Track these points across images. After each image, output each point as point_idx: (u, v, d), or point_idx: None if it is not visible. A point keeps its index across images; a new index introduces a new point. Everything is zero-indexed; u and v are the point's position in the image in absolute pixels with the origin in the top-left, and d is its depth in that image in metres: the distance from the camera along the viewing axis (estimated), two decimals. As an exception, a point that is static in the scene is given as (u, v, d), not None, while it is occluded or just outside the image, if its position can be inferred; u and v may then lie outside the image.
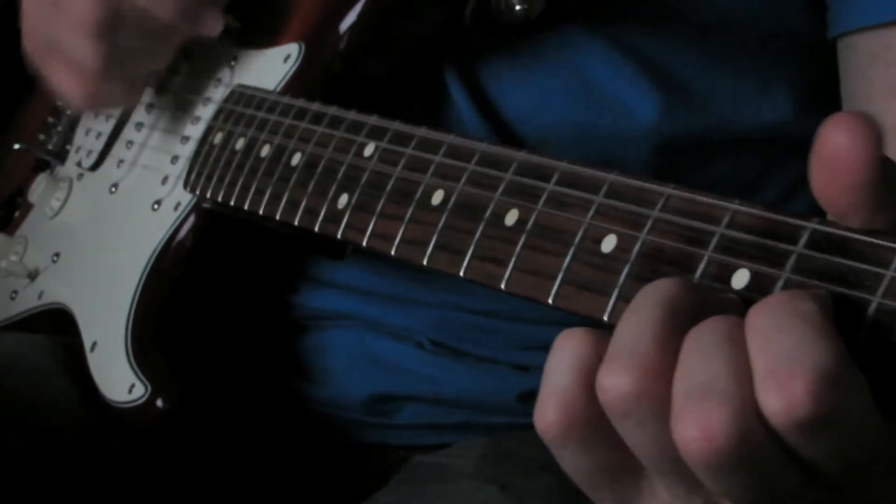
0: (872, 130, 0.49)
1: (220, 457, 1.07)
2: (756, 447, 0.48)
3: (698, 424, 0.48)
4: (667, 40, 0.93)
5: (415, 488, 0.95)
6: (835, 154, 0.49)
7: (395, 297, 1.01)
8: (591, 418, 0.53)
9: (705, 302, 0.52)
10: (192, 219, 0.97)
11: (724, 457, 0.48)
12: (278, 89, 0.94)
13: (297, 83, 0.94)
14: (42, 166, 1.19)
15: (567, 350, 0.54)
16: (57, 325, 1.06)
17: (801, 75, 0.96)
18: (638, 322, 0.52)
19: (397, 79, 0.95)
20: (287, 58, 0.95)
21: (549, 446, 0.55)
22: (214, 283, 1.01)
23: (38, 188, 1.15)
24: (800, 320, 0.47)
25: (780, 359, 0.47)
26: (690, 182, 0.94)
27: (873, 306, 0.49)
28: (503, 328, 0.99)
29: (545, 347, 0.98)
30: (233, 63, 1.01)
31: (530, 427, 0.98)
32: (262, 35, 1.00)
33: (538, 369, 0.97)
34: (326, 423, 1.06)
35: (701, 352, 0.50)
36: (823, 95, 0.94)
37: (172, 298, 0.97)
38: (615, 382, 0.51)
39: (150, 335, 0.96)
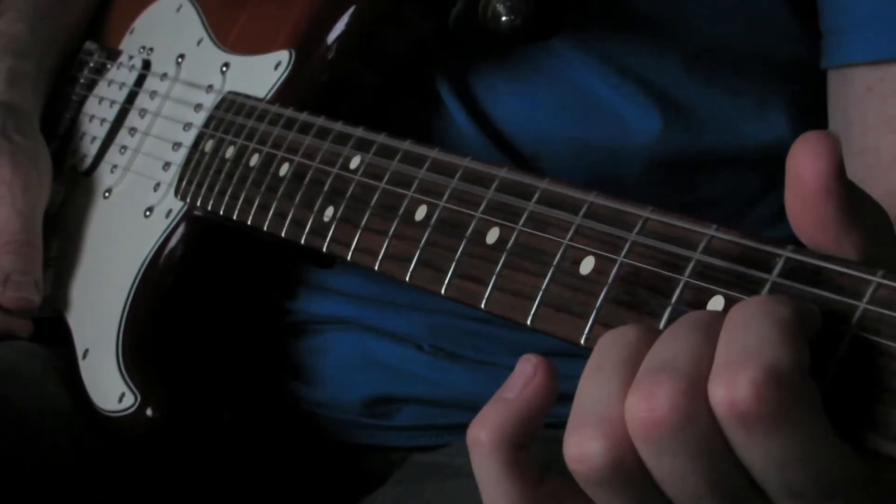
0: (829, 146, 0.49)
1: (219, 459, 1.07)
2: (699, 432, 0.48)
3: (645, 395, 0.48)
4: (662, 61, 0.93)
5: (413, 487, 0.95)
6: (798, 172, 0.50)
7: (392, 302, 1.00)
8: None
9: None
10: (182, 227, 0.96)
11: (666, 432, 0.48)
12: (269, 97, 0.94)
13: (288, 91, 0.93)
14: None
15: (487, 458, 0.55)
16: (51, 330, 1.07)
17: (798, 96, 0.95)
18: (603, 381, 0.51)
19: (389, 89, 0.94)
20: (278, 65, 0.95)
21: None
22: (209, 289, 1.01)
23: None
24: (769, 320, 0.47)
25: (736, 351, 0.47)
26: (686, 200, 0.96)
27: (847, 337, 0.48)
28: (501, 335, 0.99)
29: (544, 354, 0.98)
30: (224, 69, 1.00)
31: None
32: (254, 41, 0.99)
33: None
34: (325, 424, 1.06)
35: (673, 334, 0.50)
36: (820, 115, 0.94)
37: (163, 308, 0.97)
38: (585, 451, 0.50)
39: (140, 344, 0.96)
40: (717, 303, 0.54)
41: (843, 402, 0.48)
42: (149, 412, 0.92)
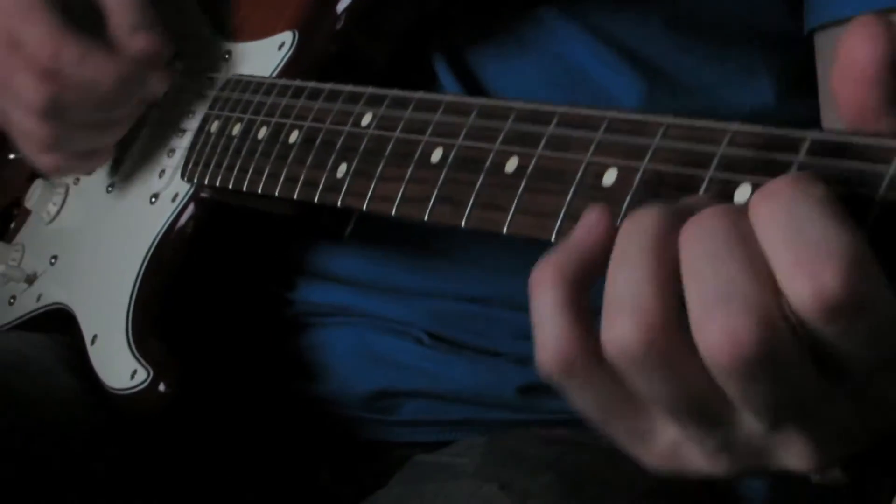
0: (886, 32, 0.50)
1: (222, 454, 1.07)
2: (784, 350, 0.48)
3: (725, 333, 0.48)
4: (647, 30, 0.95)
5: (415, 487, 0.94)
6: (852, 53, 0.50)
7: (392, 287, 1.01)
8: (594, 361, 0.53)
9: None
10: (190, 208, 0.97)
11: (753, 364, 0.48)
12: (273, 76, 0.95)
13: (293, 69, 0.95)
14: (39, 172, 1.19)
15: (551, 293, 0.54)
16: (56, 326, 1.07)
17: (783, 63, 0.97)
18: (630, 272, 0.52)
19: (390, 63, 0.96)
20: (281, 45, 0.96)
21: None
22: (213, 276, 1.01)
23: (35, 194, 1.15)
24: (815, 206, 0.47)
25: (805, 247, 0.47)
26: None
27: (877, 203, 0.49)
28: (501, 317, 0.99)
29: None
30: (227, 57, 1.01)
31: (531, 423, 0.99)
32: (255, 28, 1.01)
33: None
34: (327, 420, 1.05)
35: (710, 256, 0.49)
36: (806, 82, 0.95)
37: (173, 286, 0.97)
38: (619, 336, 0.51)
39: (150, 323, 0.96)
40: (744, 191, 0.54)
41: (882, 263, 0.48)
42: (161, 387, 0.92)
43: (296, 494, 1.07)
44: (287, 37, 0.96)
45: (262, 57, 0.97)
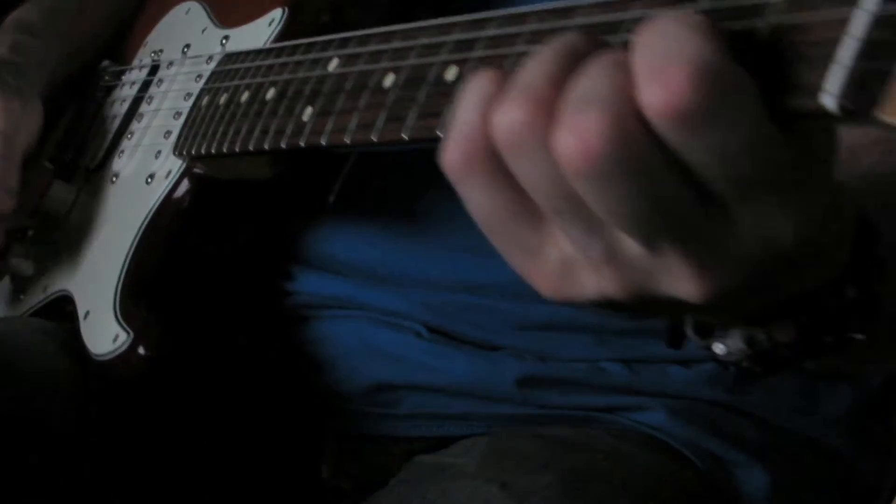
0: None
1: (223, 448, 1.07)
2: (636, 151, 0.48)
3: (574, 132, 0.48)
4: None
5: (415, 487, 0.93)
6: None
7: (389, 277, 1.01)
8: (491, 153, 0.53)
9: (604, 49, 0.52)
10: (185, 182, 0.98)
11: (603, 163, 0.48)
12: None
13: (283, 40, 0.96)
14: (59, 175, 1.22)
15: (473, 88, 0.54)
16: (61, 315, 1.08)
17: None
18: (534, 64, 0.52)
19: None
20: (271, 21, 0.98)
21: (454, 185, 0.55)
22: (212, 266, 1.02)
23: (52, 195, 1.17)
24: (683, 25, 0.47)
25: (660, 55, 0.47)
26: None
27: (759, 28, 0.48)
28: (498, 307, 0.99)
29: (542, 327, 0.98)
30: (224, 42, 1.04)
31: (531, 419, 0.98)
32: (250, 12, 1.03)
33: (535, 354, 0.97)
34: (328, 414, 1.05)
35: (586, 74, 0.50)
36: None
37: (164, 259, 0.98)
38: (505, 115, 0.51)
39: (137, 289, 0.97)
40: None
41: (766, 87, 0.48)
42: (141, 350, 0.93)
43: (296, 489, 1.06)
44: (277, 13, 0.98)
45: (254, 35, 1.00)
